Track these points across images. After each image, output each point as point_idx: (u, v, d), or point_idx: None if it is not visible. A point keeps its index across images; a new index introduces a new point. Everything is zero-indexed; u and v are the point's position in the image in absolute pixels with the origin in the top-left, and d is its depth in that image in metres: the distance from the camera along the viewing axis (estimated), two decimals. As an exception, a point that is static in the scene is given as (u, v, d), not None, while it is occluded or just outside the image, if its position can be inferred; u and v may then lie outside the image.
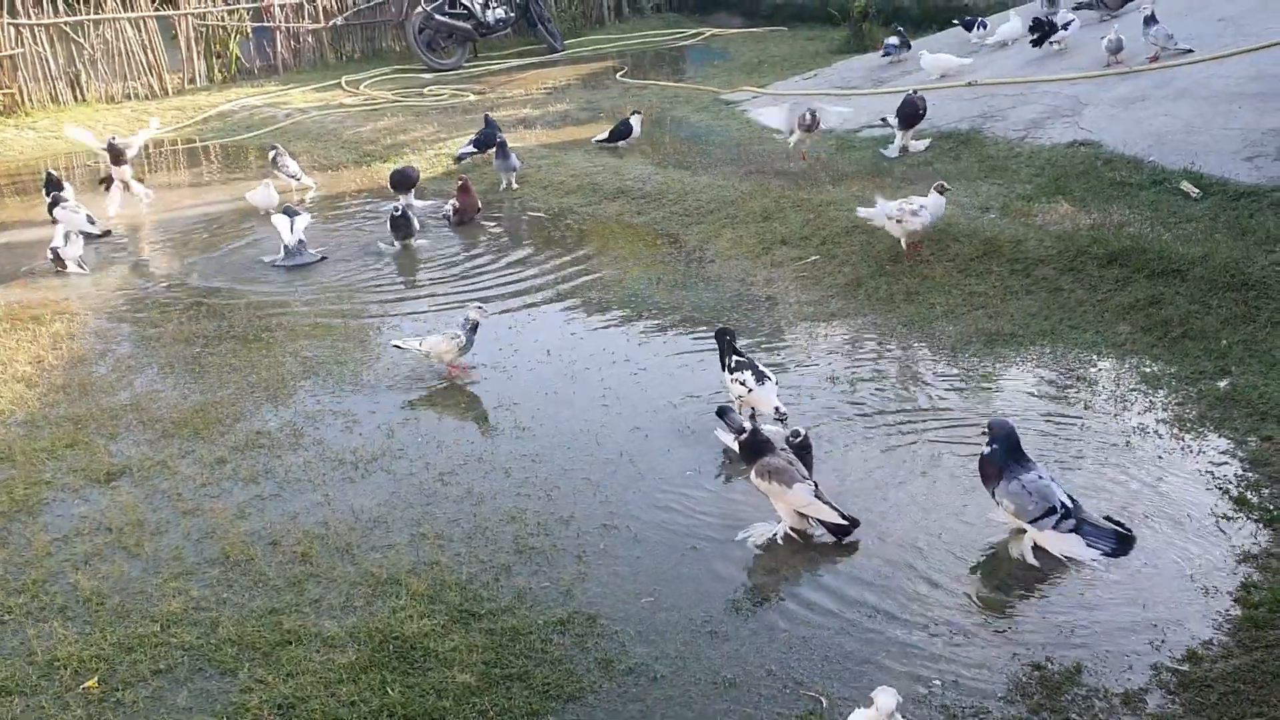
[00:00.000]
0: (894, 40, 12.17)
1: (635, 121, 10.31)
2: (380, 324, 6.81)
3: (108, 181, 9.61)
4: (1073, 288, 6.25)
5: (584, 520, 4.50)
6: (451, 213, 8.73)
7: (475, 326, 5.81)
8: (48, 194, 8.62)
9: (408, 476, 4.92)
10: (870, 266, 6.89)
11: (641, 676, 3.59)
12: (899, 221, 6.70)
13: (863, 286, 6.70)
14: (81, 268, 8.05)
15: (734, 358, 5.23)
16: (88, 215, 8.58)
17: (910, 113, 8.79)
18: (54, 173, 8.86)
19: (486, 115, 10.71)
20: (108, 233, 8.78)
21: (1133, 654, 3.53)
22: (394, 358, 6.19)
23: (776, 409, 4.95)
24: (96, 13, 14.48)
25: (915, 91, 9.09)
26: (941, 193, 6.73)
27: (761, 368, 5.14)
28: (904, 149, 8.90)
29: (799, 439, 4.52)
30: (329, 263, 8.07)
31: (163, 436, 5.41)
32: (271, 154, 9.93)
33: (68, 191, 8.73)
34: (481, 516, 4.56)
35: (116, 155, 9.58)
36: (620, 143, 10.33)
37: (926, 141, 9.01)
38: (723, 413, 4.79)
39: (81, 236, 8.31)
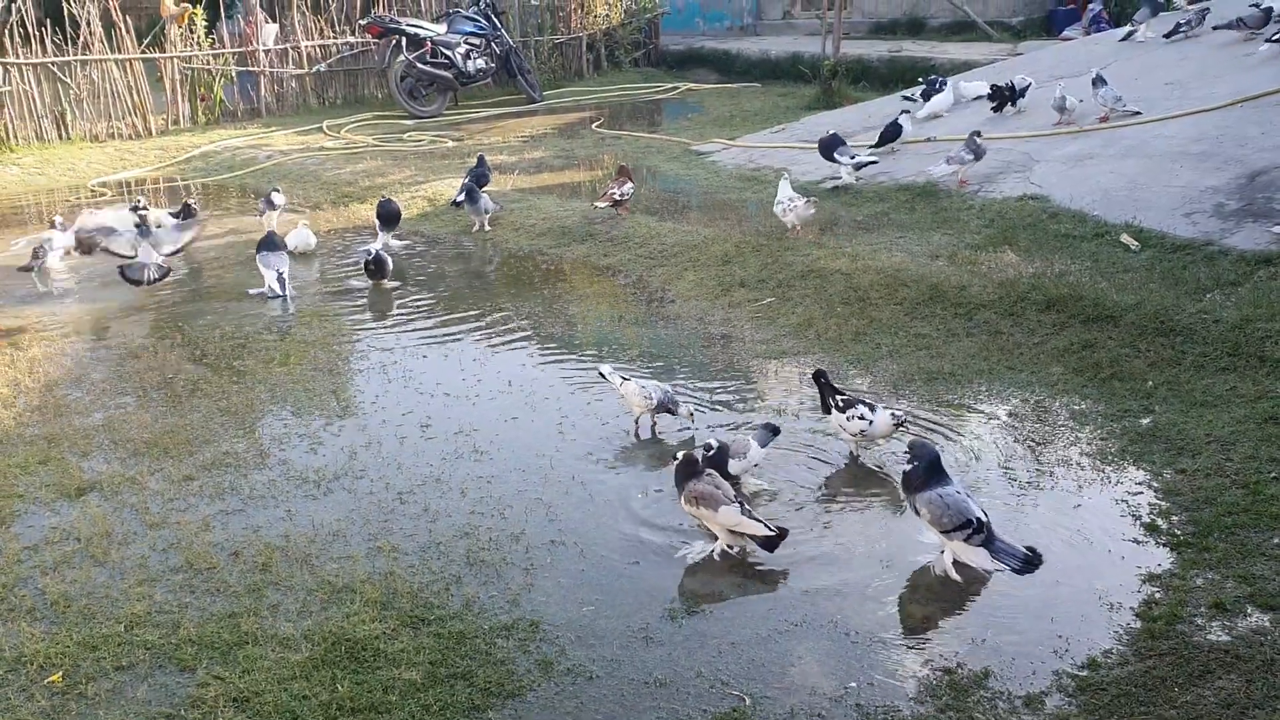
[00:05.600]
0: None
1: (905, 121, 10.45)
2: (349, 354, 7.04)
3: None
4: (1011, 331, 6.56)
5: (534, 537, 4.72)
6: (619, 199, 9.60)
7: (673, 412, 5.65)
8: None
9: (368, 495, 5.14)
10: (822, 308, 7.18)
11: (579, 676, 3.81)
12: (789, 211, 8.40)
13: (814, 326, 6.99)
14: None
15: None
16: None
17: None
18: None
19: (480, 156, 10.99)
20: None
21: (1038, 662, 3.77)
22: (360, 385, 6.44)
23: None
24: (84, 54, 14.79)
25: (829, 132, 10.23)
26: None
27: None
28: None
29: (712, 451, 4.84)
30: (303, 297, 8.32)
31: (133, 455, 5.61)
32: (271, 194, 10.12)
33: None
34: (436, 532, 4.78)
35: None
36: (892, 144, 10.46)
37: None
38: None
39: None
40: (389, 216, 9.50)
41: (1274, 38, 9.37)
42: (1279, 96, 9.18)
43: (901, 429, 5.20)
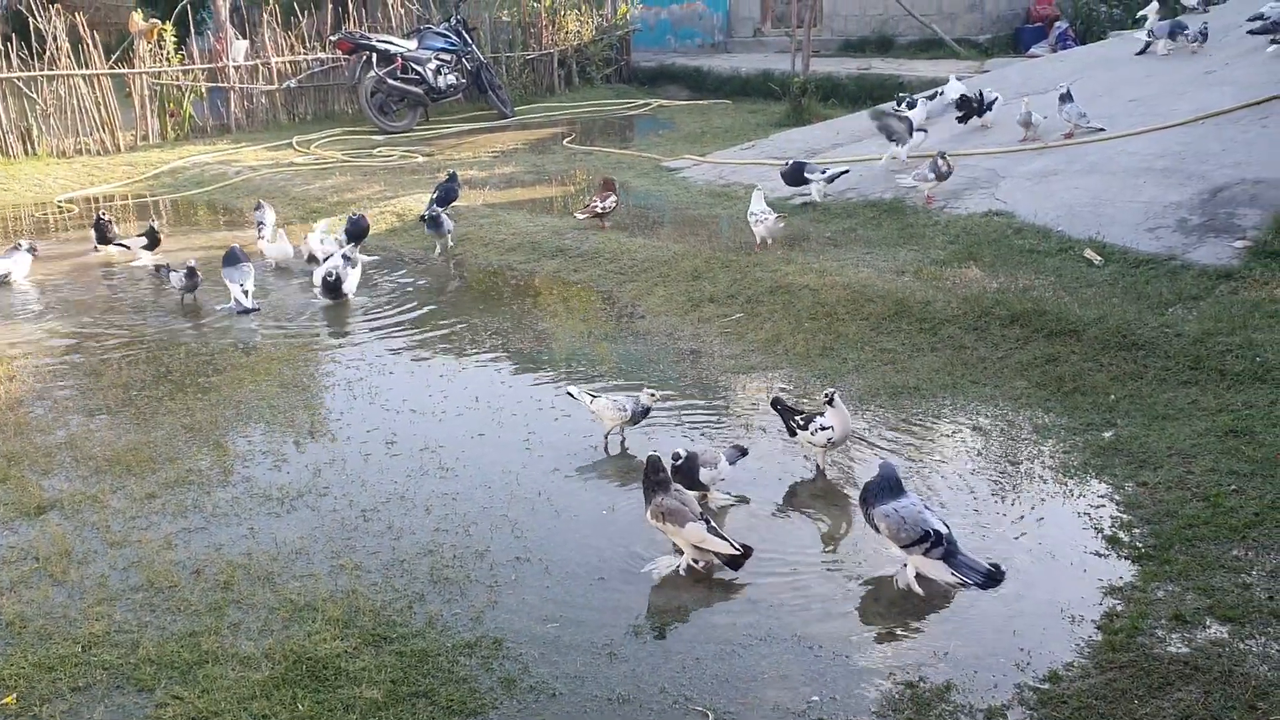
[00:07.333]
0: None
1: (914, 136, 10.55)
2: (315, 371, 7.01)
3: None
4: (976, 346, 6.60)
5: (499, 554, 4.70)
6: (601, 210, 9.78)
7: (647, 411, 5.69)
8: None
9: (331, 513, 5.10)
10: (790, 324, 7.21)
11: (541, 694, 3.79)
12: (760, 222, 8.68)
13: (781, 342, 7.01)
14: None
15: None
16: None
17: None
18: None
19: (452, 173, 10.95)
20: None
21: (1000, 675, 3.78)
22: (325, 402, 6.41)
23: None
24: (50, 69, 14.70)
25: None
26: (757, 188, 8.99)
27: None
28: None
29: (680, 461, 4.88)
30: (267, 313, 8.28)
31: (95, 473, 5.55)
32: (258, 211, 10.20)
33: None
34: (400, 550, 4.75)
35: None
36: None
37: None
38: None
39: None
40: (355, 232, 9.47)
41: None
42: (1239, 114, 9.30)
43: (830, 404, 5.14)
